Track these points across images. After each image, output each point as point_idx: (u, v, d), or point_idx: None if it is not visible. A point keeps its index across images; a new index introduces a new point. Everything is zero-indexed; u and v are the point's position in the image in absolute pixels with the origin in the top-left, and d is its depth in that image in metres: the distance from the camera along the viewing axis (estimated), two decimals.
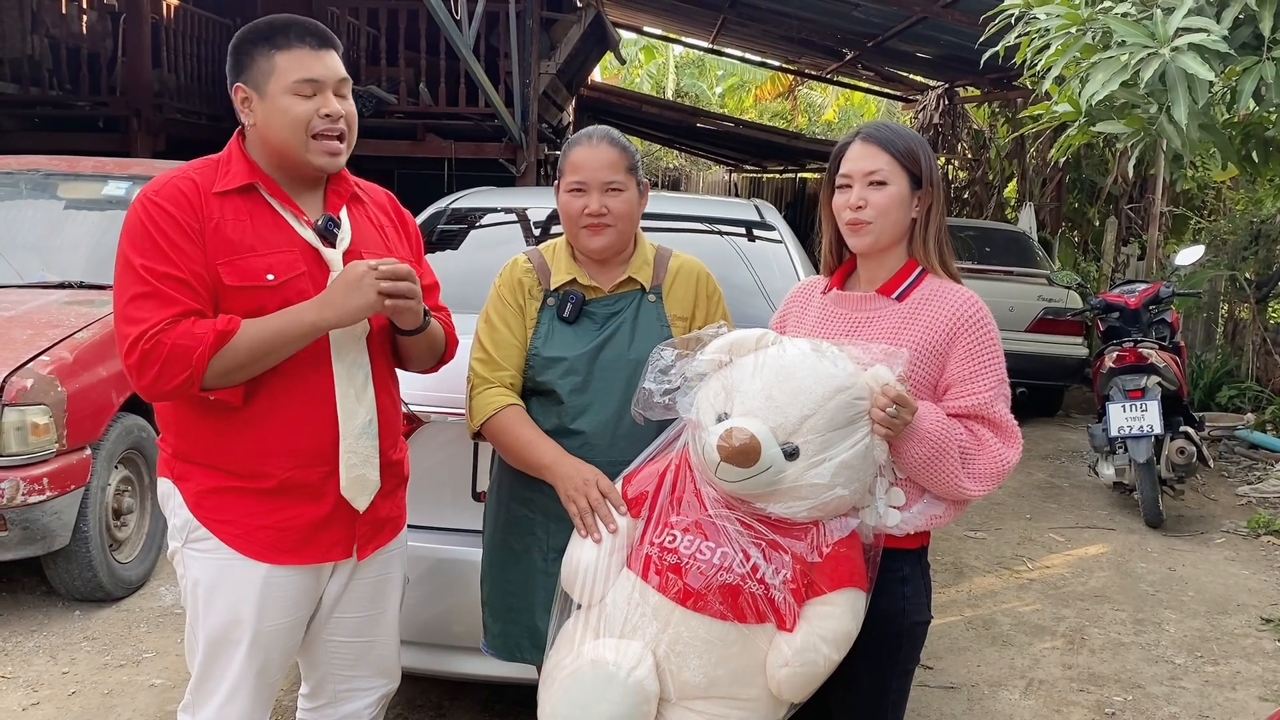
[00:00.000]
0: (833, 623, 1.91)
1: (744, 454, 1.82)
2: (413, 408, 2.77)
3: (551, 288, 2.34)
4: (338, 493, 2.14)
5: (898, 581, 2.07)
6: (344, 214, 2.19)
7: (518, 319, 2.34)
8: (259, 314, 2.03)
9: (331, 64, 2.09)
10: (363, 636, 2.33)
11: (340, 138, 2.11)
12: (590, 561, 2.02)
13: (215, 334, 1.95)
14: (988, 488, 2.00)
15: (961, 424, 2.01)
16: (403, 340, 2.24)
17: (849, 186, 2.10)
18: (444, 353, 2.38)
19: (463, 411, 2.40)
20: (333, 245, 2.14)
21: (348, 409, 2.13)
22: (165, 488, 2.18)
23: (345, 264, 2.11)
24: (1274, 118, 3.37)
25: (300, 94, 2.04)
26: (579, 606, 2.05)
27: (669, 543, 1.94)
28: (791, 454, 1.86)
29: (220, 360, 1.97)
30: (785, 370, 1.90)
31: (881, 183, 2.06)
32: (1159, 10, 3.02)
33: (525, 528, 2.32)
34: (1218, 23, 2.94)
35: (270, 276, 2.04)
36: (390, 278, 2.02)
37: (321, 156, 2.09)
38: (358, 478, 2.16)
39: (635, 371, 2.19)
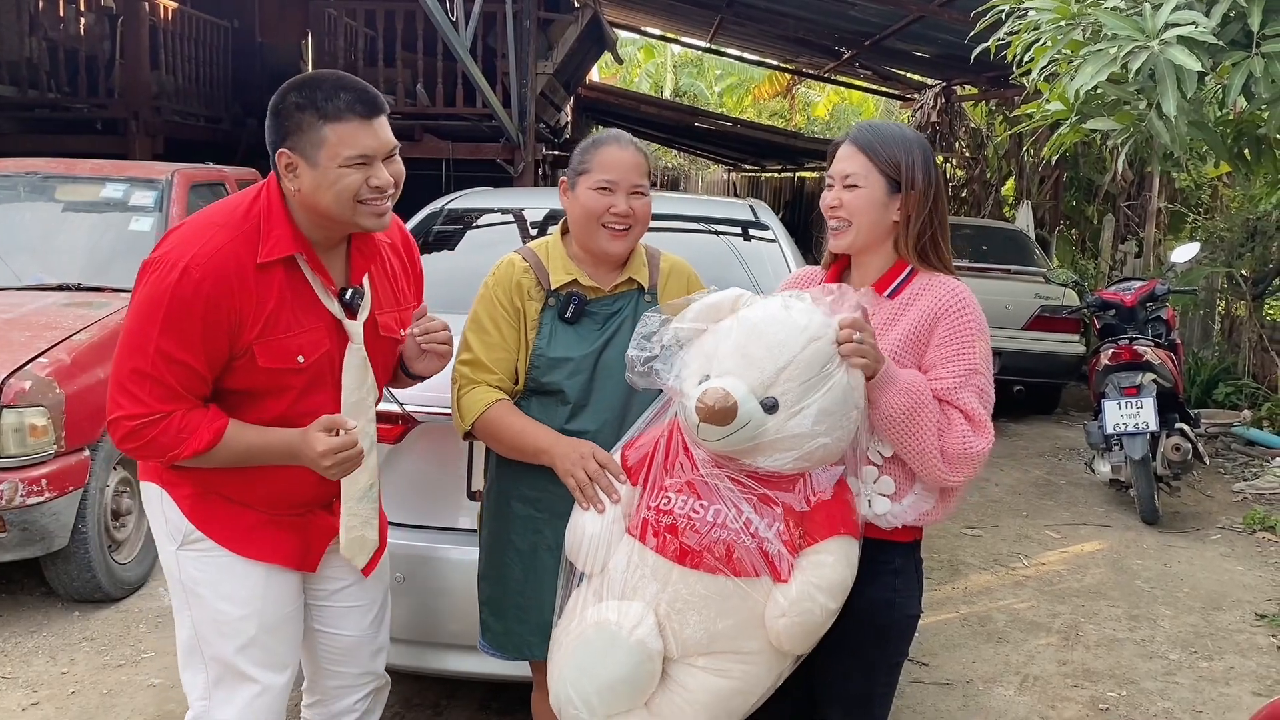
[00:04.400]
0: (826, 571, 1.93)
1: (721, 413, 1.85)
2: (407, 408, 2.78)
3: (552, 288, 2.34)
4: (326, 519, 2.22)
5: (890, 573, 2.09)
6: (365, 281, 2.20)
7: (512, 323, 2.33)
8: (282, 389, 2.07)
9: (383, 134, 2.03)
10: (355, 631, 2.38)
11: (388, 198, 2.08)
12: (594, 531, 2.06)
13: (192, 451, 2.00)
14: (960, 473, 2.00)
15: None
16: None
17: (832, 185, 2.14)
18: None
19: None
20: (354, 316, 2.15)
21: (350, 478, 2.16)
22: (151, 491, 2.19)
23: (364, 332, 2.17)
24: (1265, 114, 3.38)
25: (352, 166, 1.99)
26: (583, 577, 2.09)
27: (664, 505, 1.98)
28: (771, 408, 1.88)
29: (193, 462, 2.03)
30: (757, 327, 1.93)
31: (855, 185, 2.09)
32: (1148, 5, 3.03)
33: (529, 526, 2.33)
34: (1207, 18, 2.96)
35: (300, 359, 2.07)
36: (338, 450, 2.03)
37: (370, 219, 2.06)
38: (357, 539, 2.23)
39: None
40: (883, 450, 2.05)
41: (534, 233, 4.08)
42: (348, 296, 2.13)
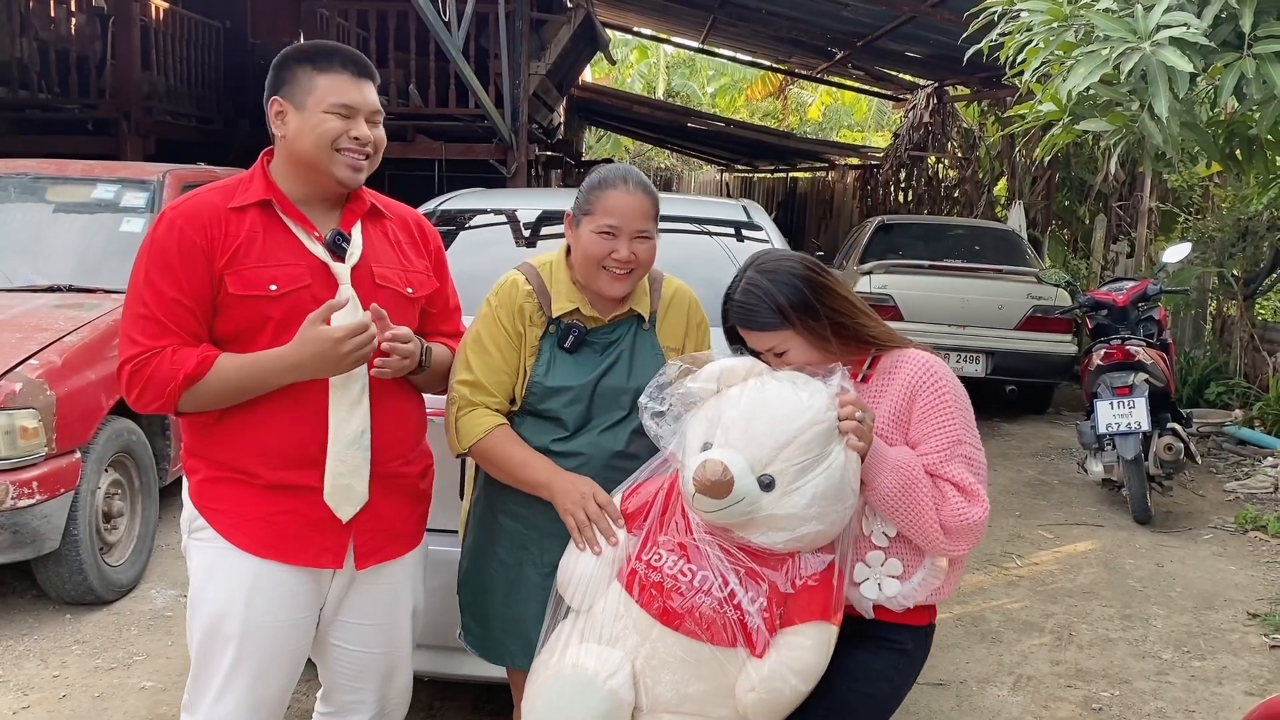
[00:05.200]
0: (801, 654, 1.96)
1: (717, 487, 1.88)
2: None
3: (554, 315, 2.31)
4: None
5: (896, 651, 2.11)
6: (356, 230, 2.24)
7: (513, 346, 2.30)
8: (261, 322, 2.11)
9: (368, 94, 2.19)
10: (369, 648, 2.35)
11: (366, 158, 2.19)
12: (586, 570, 2.09)
13: (184, 377, 2.05)
14: (963, 544, 2.01)
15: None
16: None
17: (767, 358, 2.11)
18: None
19: None
20: (341, 259, 2.19)
21: (340, 418, 2.17)
22: (184, 484, 2.26)
23: (353, 278, 2.19)
24: (1256, 115, 3.39)
25: (335, 114, 2.13)
26: (570, 610, 2.11)
27: (655, 561, 2.01)
28: (768, 485, 1.91)
29: (189, 396, 2.08)
30: (764, 403, 1.96)
31: (784, 351, 2.08)
32: (1140, 6, 3.04)
33: (517, 541, 2.32)
34: (1199, 19, 2.97)
35: (273, 287, 2.11)
36: (355, 333, 2.06)
37: (344, 170, 2.16)
38: (342, 487, 2.19)
39: (634, 398, 2.21)
40: (888, 531, 2.06)
41: (527, 234, 4.08)
42: (330, 238, 2.19)
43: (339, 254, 2.19)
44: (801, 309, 2.05)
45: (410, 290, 2.30)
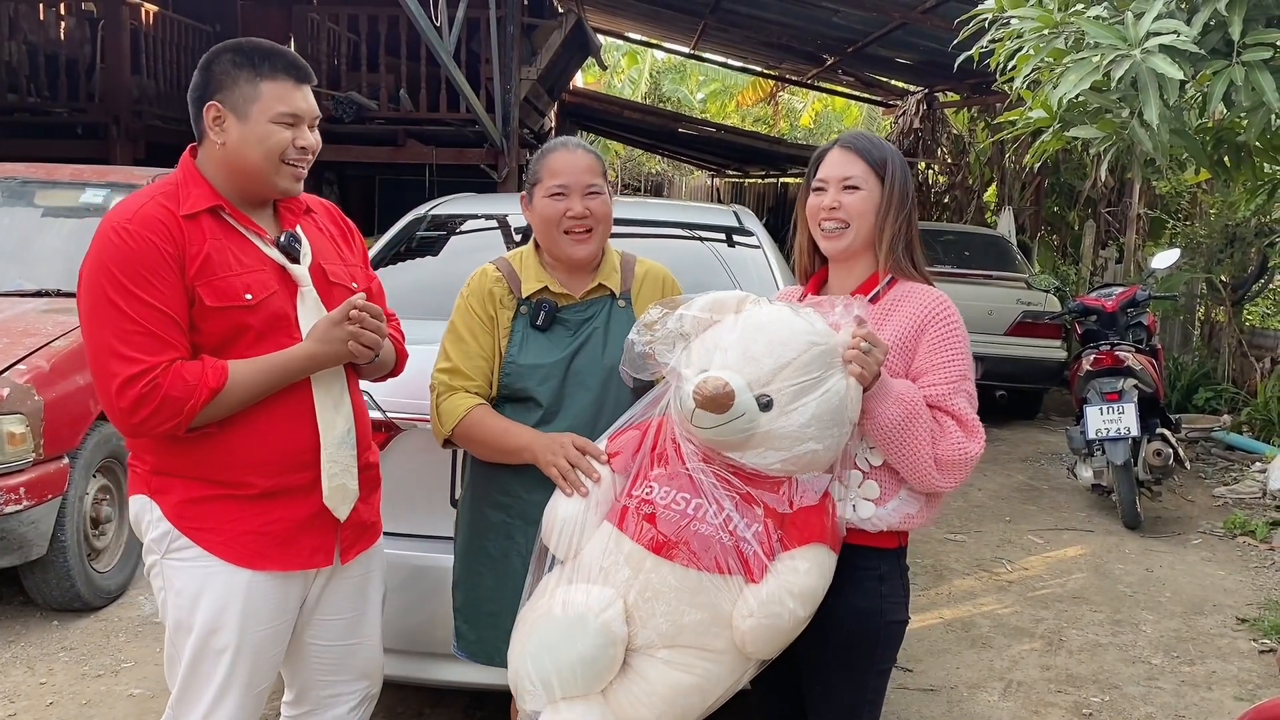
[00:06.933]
0: (800, 578, 1.94)
1: (717, 401, 1.86)
2: (390, 415, 2.77)
3: (523, 296, 2.36)
4: (319, 500, 2.17)
5: (875, 580, 2.09)
6: (298, 229, 2.23)
7: (486, 331, 2.35)
8: (237, 332, 2.08)
9: (310, 100, 2.17)
10: (345, 640, 2.35)
11: (307, 164, 2.18)
12: (573, 513, 2.06)
13: (209, 390, 2.00)
14: (953, 478, 2.02)
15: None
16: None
17: (824, 190, 2.16)
18: (393, 367, 2.42)
19: None
20: (297, 261, 2.18)
21: (327, 419, 2.18)
22: (140, 504, 2.17)
23: (312, 277, 2.19)
24: (1244, 122, 3.41)
25: (282, 124, 2.10)
26: (555, 562, 2.09)
27: (646, 494, 2.00)
28: (766, 405, 1.89)
29: (209, 409, 2.02)
30: (761, 326, 1.95)
31: (855, 188, 2.13)
32: (1130, 14, 3.05)
33: (502, 532, 2.34)
34: (1188, 27, 2.98)
35: (248, 296, 2.08)
36: (366, 312, 2.10)
37: (288, 180, 2.15)
38: (338, 487, 2.20)
39: (609, 376, 2.27)
40: (871, 459, 2.06)
41: (518, 238, 4.07)
42: (284, 241, 2.17)
43: (294, 256, 2.18)
44: (900, 184, 2.14)
45: (355, 285, 2.32)
